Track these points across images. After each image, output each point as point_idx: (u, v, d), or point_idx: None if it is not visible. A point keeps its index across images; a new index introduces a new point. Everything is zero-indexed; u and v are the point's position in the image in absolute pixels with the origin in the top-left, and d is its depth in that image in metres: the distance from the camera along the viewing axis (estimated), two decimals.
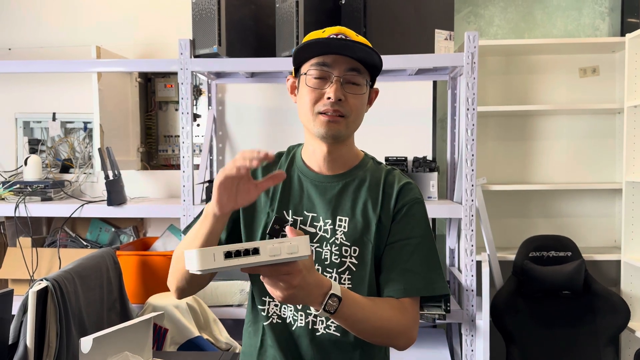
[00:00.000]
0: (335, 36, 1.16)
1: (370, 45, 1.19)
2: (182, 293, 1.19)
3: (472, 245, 2.24)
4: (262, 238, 1.22)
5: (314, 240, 1.20)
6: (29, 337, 1.54)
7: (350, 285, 1.18)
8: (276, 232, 1.20)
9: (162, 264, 2.32)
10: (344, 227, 1.19)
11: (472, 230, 2.23)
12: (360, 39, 1.18)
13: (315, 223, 1.20)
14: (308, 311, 1.19)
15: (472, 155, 2.23)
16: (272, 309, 1.21)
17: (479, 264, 2.30)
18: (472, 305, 2.24)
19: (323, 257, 1.19)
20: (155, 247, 2.58)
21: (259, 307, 1.22)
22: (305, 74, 1.17)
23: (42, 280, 1.62)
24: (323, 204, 1.21)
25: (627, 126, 2.63)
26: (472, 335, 2.27)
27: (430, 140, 2.76)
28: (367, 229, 1.19)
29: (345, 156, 1.23)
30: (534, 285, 2.51)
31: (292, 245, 0.90)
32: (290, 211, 1.22)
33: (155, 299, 2.12)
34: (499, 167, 2.92)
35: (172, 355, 1.94)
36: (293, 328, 1.19)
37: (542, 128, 2.92)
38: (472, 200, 2.23)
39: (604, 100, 2.86)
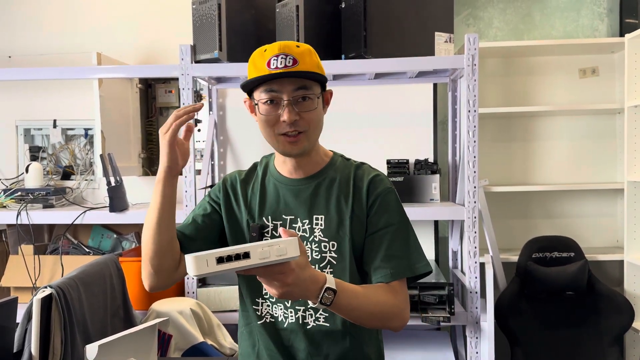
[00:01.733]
0: (275, 58, 1.19)
1: (311, 52, 1.23)
2: (152, 287, 1.27)
3: (475, 247, 2.23)
4: None
5: None
6: (33, 345, 1.54)
7: None
8: (255, 239, 1.27)
9: None
10: (321, 225, 1.27)
11: (475, 232, 2.23)
12: (303, 47, 1.22)
13: (294, 225, 1.28)
14: (297, 307, 1.26)
15: (474, 157, 2.23)
16: (265, 309, 1.28)
17: (482, 265, 2.30)
18: (476, 307, 2.24)
19: None
20: None
21: (253, 307, 1.29)
22: (257, 103, 1.23)
23: (46, 287, 1.62)
24: (299, 206, 1.29)
25: (628, 126, 2.63)
26: (476, 338, 2.26)
27: (432, 142, 2.76)
28: (342, 224, 1.26)
29: (313, 159, 1.31)
30: (537, 287, 2.51)
31: (281, 248, 0.95)
32: (269, 217, 1.29)
33: (159, 305, 2.11)
34: (500, 169, 2.92)
35: None
36: (285, 325, 1.27)
37: (542, 129, 2.92)
38: (475, 202, 2.23)
39: (604, 101, 2.86)
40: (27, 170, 2.59)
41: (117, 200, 2.38)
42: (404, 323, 1.22)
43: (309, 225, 1.27)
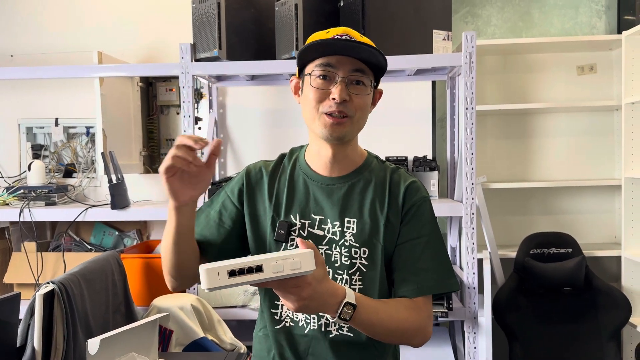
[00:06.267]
0: (339, 37, 1.15)
1: (374, 46, 1.19)
2: (174, 288, 1.23)
3: (473, 243, 2.25)
4: (270, 244, 1.22)
5: (323, 243, 1.20)
6: (36, 340, 1.56)
7: (361, 286, 1.18)
8: (282, 237, 1.20)
9: None
10: (353, 229, 1.19)
11: (473, 229, 2.25)
12: (365, 39, 1.18)
13: (323, 225, 1.20)
14: (321, 313, 1.18)
15: (472, 153, 2.25)
16: (285, 312, 1.21)
17: (480, 261, 2.32)
18: (474, 303, 2.26)
19: (333, 260, 1.19)
20: (158, 249, 2.60)
21: (272, 310, 1.22)
22: (309, 74, 1.16)
23: (48, 283, 1.64)
24: (330, 206, 1.21)
25: (625, 123, 2.65)
26: (474, 333, 2.28)
27: (430, 139, 2.78)
28: (375, 230, 1.19)
29: (349, 157, 1.23)
30: (535, 282, 2.52)
31: (295, 262, 0.91)
32: (297, 214, 1.21)
33: (160, 301, 2.13)
34: (498, 166, 2.94)
35: (177, 356, 1.95)
36: (306, 331, 1.20)
37: (541, 126, 2.94)
38: (473, 199, 2.25)
39: (602, 98, 2.88)
40: (29, 168, 2.62)
41: (119, 197, 2.40)
42: (425, 340, 1.16)
43: (340, 228, 1.19)
